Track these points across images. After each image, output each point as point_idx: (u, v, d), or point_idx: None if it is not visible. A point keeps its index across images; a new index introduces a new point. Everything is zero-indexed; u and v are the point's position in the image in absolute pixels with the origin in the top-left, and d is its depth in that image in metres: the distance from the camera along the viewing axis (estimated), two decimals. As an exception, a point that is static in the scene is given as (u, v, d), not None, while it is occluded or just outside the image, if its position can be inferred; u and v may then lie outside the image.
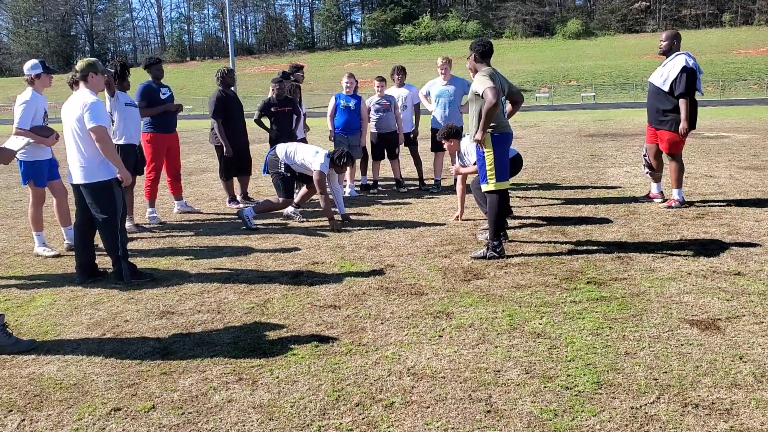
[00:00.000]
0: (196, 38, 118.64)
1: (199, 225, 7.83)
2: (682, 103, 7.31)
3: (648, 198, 8.11)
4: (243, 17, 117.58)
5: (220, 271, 5.76)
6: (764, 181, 8.95)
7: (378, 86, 9.52)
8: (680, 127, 7.34)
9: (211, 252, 6.44)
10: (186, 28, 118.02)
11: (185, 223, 8.02)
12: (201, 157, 16.22)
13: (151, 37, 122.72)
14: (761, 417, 2.96)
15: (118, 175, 5.49)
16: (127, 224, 7.07)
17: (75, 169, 5.43)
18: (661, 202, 7.90)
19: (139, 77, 8.02)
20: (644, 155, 8.03)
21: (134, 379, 3.61)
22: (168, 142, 8.19)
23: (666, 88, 7.40)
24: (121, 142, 7.16)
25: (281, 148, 7.72)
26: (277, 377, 3.55)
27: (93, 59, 5.59)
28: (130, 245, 6.60)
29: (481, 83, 5.72)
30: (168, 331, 4.32)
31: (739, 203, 7.76)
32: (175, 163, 8.47)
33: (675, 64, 7.37)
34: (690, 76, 7.27)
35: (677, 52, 7.50)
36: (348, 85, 9.41)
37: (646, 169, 8.05)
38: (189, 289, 5.25)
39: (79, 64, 5.48)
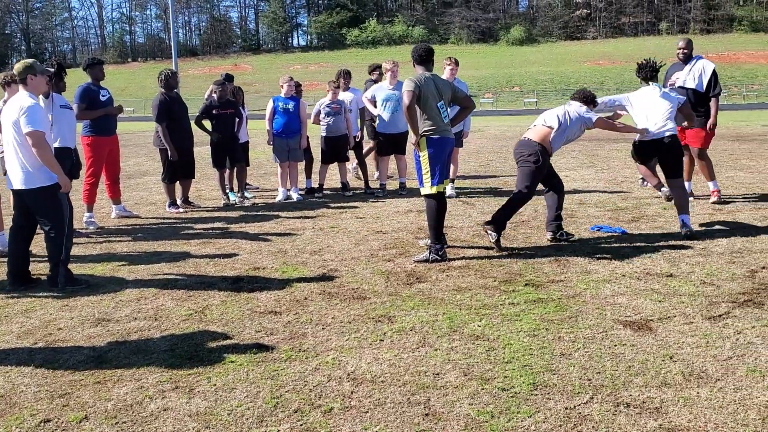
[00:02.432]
0: (138, 39, 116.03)
1: (138, 230, 7.66)
2: (714, 102, 8.00)
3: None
4: (186, 18, 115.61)
5: (158, 277, 5.64)
6: (697, 185, 9.25)
7: (330, 89, 9.52)
8: (710, 122, 7.98)
9: (149, 258, 6.31)
10: (128, 28, 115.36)
11: (123, 228, 7.84)
12: (141, 160, 15.90)
13: (91, 38, 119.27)
14: (688, 415, 3.06)
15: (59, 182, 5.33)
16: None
17: (14, 175, 5.26)
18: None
19: (76, 78, 7.82)
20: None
21: (66, 388, 3.51)
22: (108, 145, 8.00)
23: (703, 90, 7.98)
24: (56, 145, 6.95)
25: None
26: (215, 385, 3.50)
27: (31, 60, 5.42)
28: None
29: (404, 87, 5.84)
30: (103, 339, 4.22)
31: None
32: (115, 166, 8.28)
33: (704, 67, 8.00)
34: (717, 77, 8.02)
35: (696, 57, 8.12)
36: (288, 87, 9.36)
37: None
38: (126, 295, 5.13)
39: (17, 67, 5.30)
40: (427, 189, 5.94)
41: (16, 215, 5.44)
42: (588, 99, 6.67)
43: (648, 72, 6.81)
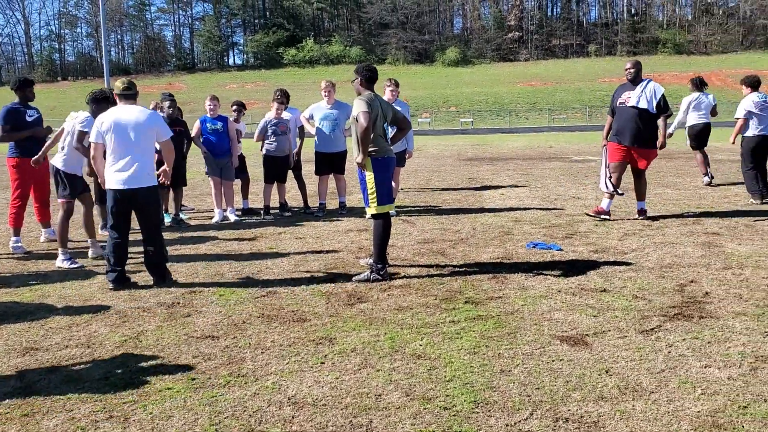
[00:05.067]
0: (68, 57, 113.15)
1: (69, 254, 7.38)
2: (663, 121, 8.31)
3: (602, 215, 8.50)
4: (119, 36, 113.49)
5: (90, 302, 5.46)
6: (627, 201, 9.55)
7: (276, 108, 9.47)
8: (659, 142, 8.31)
9: (81, 282, 6.10)
10: (57, 46, 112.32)
11: (53, 252, 7.54)
12: (72, 181, 15.39)
13: (17, 55, 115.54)
14: (624, 428, 3.13)
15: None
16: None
17: (131, 175, 5.82)
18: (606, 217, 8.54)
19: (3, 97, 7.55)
20: (609, 176, 8.44)
21: (-9, 423, 3.34)
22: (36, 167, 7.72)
23: (654, 111, 8.20)
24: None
25: None
26: (151, 413, 3.39)
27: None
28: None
29: (357, 107, 5.82)
30: (31, 369, 4.04)
31: (605, 223, 8.24)
32: (44, 188, 7.99)
33: (655, 89, 8.22)
34: (666, 100, 8.35)
35: (645, 79, 8.38)
36: (211, 107, 9.26)
37: (611, 188, 8.43)
38: (56, 322, 4.94)
39: (130, 83, 6.04)
40: (374, 209, 5.95)
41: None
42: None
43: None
